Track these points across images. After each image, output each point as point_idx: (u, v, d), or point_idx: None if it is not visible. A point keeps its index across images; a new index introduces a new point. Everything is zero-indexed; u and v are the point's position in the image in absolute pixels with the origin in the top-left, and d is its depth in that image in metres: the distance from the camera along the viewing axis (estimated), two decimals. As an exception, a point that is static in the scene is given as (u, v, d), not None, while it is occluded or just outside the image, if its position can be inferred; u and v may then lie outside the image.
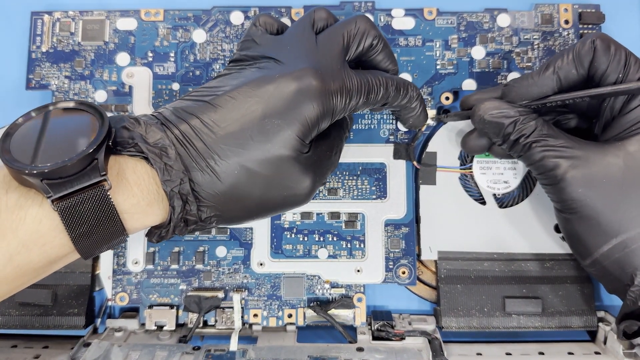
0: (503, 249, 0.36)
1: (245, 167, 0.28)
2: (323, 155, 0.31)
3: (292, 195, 0.29)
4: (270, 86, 0.28)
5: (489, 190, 0.37)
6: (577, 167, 0.29)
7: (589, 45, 0.30)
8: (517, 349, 0.35)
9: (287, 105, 0.28)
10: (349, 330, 0.36)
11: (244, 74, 0.30)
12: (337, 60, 0.30)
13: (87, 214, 0.24)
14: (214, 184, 0.27)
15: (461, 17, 0.39)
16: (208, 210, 0.28)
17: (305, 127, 0.28)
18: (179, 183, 0.27)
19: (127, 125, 0.27)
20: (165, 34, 0.39)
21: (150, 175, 0.27)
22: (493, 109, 0.31)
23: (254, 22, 0.33)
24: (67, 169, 0.24)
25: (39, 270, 0.26)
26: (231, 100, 0.28)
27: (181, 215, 0.27)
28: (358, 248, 0.37)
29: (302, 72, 0.28)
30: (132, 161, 0.27)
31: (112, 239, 0.26)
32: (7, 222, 0.24)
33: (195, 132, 0.27)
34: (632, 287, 0.29)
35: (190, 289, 0.37)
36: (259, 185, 0.28)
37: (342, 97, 0.29)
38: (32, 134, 0.25)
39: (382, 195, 0.37)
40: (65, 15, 0.39)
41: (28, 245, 0.24)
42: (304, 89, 0.28)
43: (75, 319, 0.35)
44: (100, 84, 0.38)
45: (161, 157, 0.26)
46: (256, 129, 0.27)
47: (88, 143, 0.24)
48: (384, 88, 0.31)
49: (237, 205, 0.28)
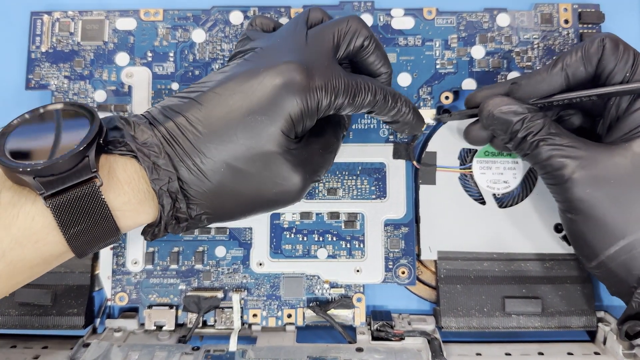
0: (503, 249, 0.36)
1: (231, 164, 0.28)
2: (315, 152, 0.31)
3: (282, 192, 0.29)
4: (254, 81, 0.28)
5: (489, 190, 0.37)
6: (584, 168, 0.29)
7: (598, 43, 0.30)
8: (516, 349, 0.35)
9: (270, 100, 0.28)
10: (349, 330, 0.36)
11: (229, 67, 0.30)
12: (325, 56, 0.30)
13: (80, 210, 0.25)
14: (201, 182, 0.27)
15: (461, 17, 0.39)
16: (197, 208, 0.28)
17: (288, 122, 0.28)
18: (167, 181, 0.27)
19: (117, 125, 0.27)
20: (165, 34, 0.39)
21: (140, 174, 0.27)
22: (502, 104, 0.31)
23: (251, 22, 0.33)
24: (59, 166, 0.24)
25: (33, 269, 0.26)
26: (216, 97, 0.28)
27: (171, 213, 0.28)
28: (357, 248, 0.37)
29: (286, 66, 0.28)
30: (122, 160, 0.27)
31: (106, 236, 0.26)
32: (1, 219, 0.24)
33: (181, 130, 0.27)
34: (638, 289, 0.29)
35: (189, 289, 0.37)
36: (246, 182, 0.28)
37: (327, 93, 0.29)
38: (26, 135, 0.26)
39: (381, 195, 0.37)
40: (64, 15, 0.39)
41: (21, 242, 0.24)
42: (288, 83, 0.28)
43: (75, 319, 0.35)
44: (99, 84, 0.38)
45: (149, 156, 0.27)
46: (240, 125, 0.27)
47: (79, 141, 0.25)
48: (372, 94, 0.30)
49: (226, 203, 0.28)
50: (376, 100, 0.30)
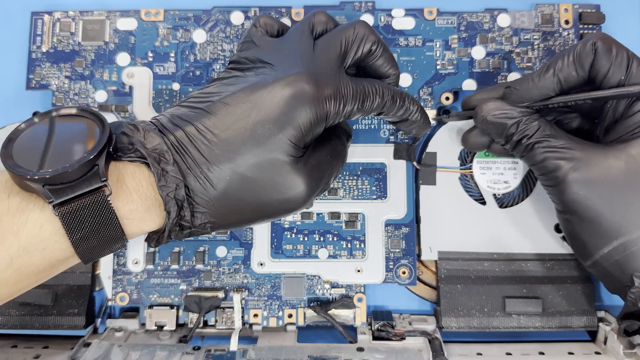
0: (503, 249, 0.36)
1: (238, 172, 0.28)
2: (321, 159, 0.31)
3: (287, 200, 0.29)
4: (263, 91, 0.28)
5: (489, 190, 0.37)
6: (578, 169, 0.29)
7: (590, 46, 0.30)
8: (517, 349, 0.35)
9: (279, 110, 0.28)
10: (349, 330, 0.36)
11: (240, 80, 0.30)
12: (333, 65, 0.30)
13: (88, 219, 0.25)
14: (208, 190, 0.27)
15: (461, 17, 0.39)
16: (202, 217, 0.28)
17: (298, 131, 0.28)
18: (175, 189, 0.27)
19: (126, 131, 0.27)
20: (166, 34, 0.39)
21: (149, 182, 0.27)
22: (495, 109, 0.31)
23: (254, 23, 0.33)
24: (69, 174, 0.24)
25: (39, 274, 0.26)
26: (225, 107, 0.28)
27: (176, 220, 0.28)
28: (358, 248, 0.37)
29: (295, 77, 0.28)
30: (131, 167, 0.27)
31: (112, 244, 0.26)
32: (9, 225, 0.24)
33: (190, 139, 0.27)
34: (632, 289, 0.29)
35: (190, 289, 0.37)
36: (252, 190, 0.28)
37: (336, 102, 0.29)
38: (35, 140, 0.26)
39: (382, 196, 0.37)
40: (65, 15, 0.39)
41: (29, 249, 0.24)
42: (297, 93, 0.28)
43: (76, 319, 0.35)
44: (100, 84, 0.38)
45: (159, 162, 0.27)
46: (248, 134, 0.28)
47: (89, 149, 0.25)
48: (380, 97, 0.30)
49: (231, 211, 0.28)
50: (384, 102, 0.31)
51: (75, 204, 0.24)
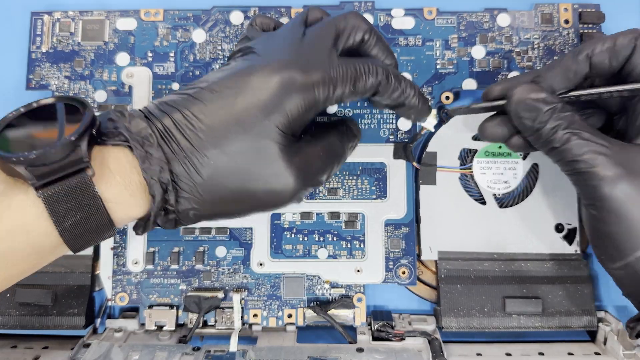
0: (503, 249, 0.36)
1: (223, 159, 0.28)
2: (314, 154, 0.30)
3: (273, 190, 0.28)
4: (250, 77, 0.28)
5: (489, 190, 0.37)
6: (617, 165, 0.28)
7: (630, 40, 0.29)
8: (517, 349, 0.35)
9: (265, 95, 0.28)
10: (349, 330, 0.36)
11: (228, 66, 0.30)
12: (322, 51, 0.29)
13: (71, 201, 0.25)
14: (192, 175, 0.27)
15: (461, 17, 0.39)
16: (186, 202, 0.28)
17: (285, 118, 0.28)
18: (159, 171, 0.27)
19: (112, 117, 0.28)
20: (165, 34, 0.39)
21: (133, 165, 0.27)
22: (532, 92, 0.29)
23: (251, 22, 0.33)
24: (51, 156, 0.24)
25: (26, 260, 0.26)
26: (212, 93, 0.28)
27: (161, 204, 0.28)
28: (358, 248, 0.37)
29: (282, 63, 0.28)
30: (114, 151, 0.27)
31: (99, 229, 0.26)
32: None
33: (176, 124, 0.27)
34: None
35: (190, 289, 0.37)
36: (237, 178, 0.28)
37: (325, 86, 0.28)
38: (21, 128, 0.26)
39: (382, 195, 0.37)
40: (65, 15, 0.39)
41: (13, 233, 0.25)
42: (284, 79, 0.28)
43: (75, 319, 0.35)
44: (100, 84, 0.38)
45: (143, 145, 0.27)
46: (233, 120, 0.27)
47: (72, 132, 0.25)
48: (373, 76, 0.29)
49: (215, 199, 0.28)
50: (378, 81, 0.30)
51: (57, 186, 0.24)
